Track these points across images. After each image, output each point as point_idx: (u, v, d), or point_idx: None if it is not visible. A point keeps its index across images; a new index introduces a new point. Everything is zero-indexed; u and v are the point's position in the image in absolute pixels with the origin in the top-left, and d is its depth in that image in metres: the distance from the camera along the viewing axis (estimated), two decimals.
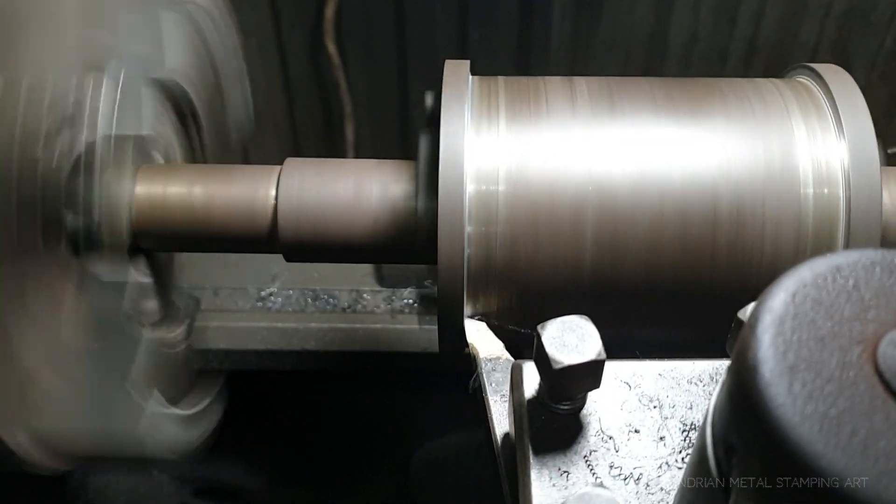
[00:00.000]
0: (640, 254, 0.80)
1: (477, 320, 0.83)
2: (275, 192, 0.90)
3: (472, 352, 0.81)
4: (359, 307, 1.38)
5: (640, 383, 0.66)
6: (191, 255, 1.22)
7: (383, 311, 1.38)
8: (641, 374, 0.67)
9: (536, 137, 0.82)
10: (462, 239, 0.79)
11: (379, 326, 1.36)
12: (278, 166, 0.92)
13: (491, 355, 0.79)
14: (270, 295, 1.39)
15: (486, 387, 0.76)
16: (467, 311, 0.83)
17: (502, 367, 0.77)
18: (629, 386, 0.66)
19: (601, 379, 0.63)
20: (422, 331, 1.35)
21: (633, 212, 0.80)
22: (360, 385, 1.48)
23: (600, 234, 0.80)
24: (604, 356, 0.61)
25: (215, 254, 1.30)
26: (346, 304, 1.39)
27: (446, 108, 0.82)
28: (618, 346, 0.63)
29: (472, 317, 0.83)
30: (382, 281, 1.39)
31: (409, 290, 1.38)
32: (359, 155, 1.81)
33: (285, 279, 1.40)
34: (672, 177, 0.80)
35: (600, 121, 0.83)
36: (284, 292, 1.39)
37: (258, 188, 0.91)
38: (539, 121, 0.83)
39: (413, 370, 1.37)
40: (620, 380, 0.66)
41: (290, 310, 1.38)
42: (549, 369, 0.60)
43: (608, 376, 0.64)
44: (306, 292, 1.39)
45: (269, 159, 0.95)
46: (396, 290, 1.39)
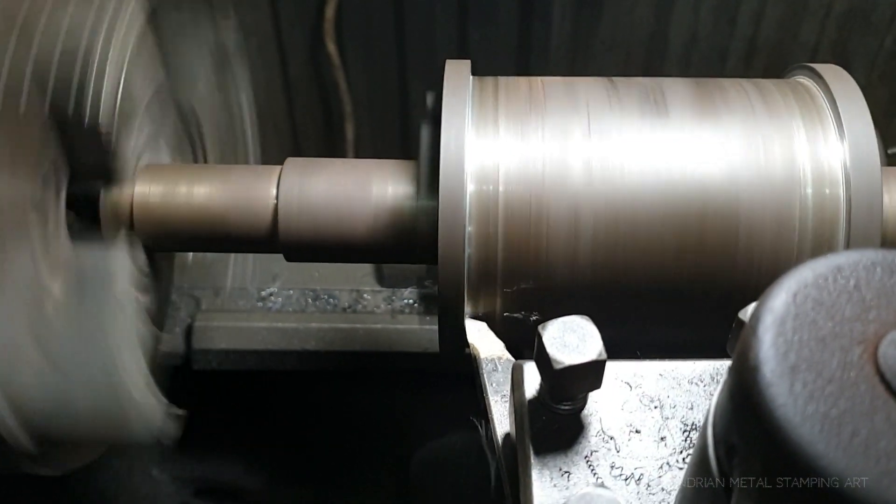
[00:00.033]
0: (640, 254, 0.80)
1: (478, 320, 0.83)
2: (275, 192, 0.90)
3: (472, 352, 0.81)
4: (359, 307, 1.38)
5: (640, 383, 0.66)
6: (191, 254, 1.23)
7: (384, 311, 1.38)
8: (642, 375, 0.67)
9: (537, 138, 0.82)
10: (463, 239, 0.79)
11: (379, 326, 1.36)
12: (279, 166, 0.92)
13: (492, 355, 0.79)
14: (271, 295, 1.39)
15: (487, 387, 0.76)
16: (468, 311, 0.83)
17: (503, 367, 0.77)
18: (630, 386, 0.66)
19: (602, 379, 0.63)
20: (422, 331, 1.35)
21: (633, 212, 0.80)
22: (361, 385, 1.47)
23: (600, 234, 0.80)
24: (605, 356, 0.61)
25: (215, 254, 1.30)
26: (346, 304, 1.38)
27: (447, 108, 0.82)
28: (618, 346, 0.63)
29: (473, 317, 0.83)
30: (383, 281, 1.39)
31: (410, 290, 1.38)
32: (359, 154, 1.81)
33: (286, 279, 1.40)
34: (672, 177, 0.80)
35: (601, 121, 0.83)
36: (285, 292, 1.39)
37: (259, 188, 0.91)
38: (540, 121, 0.83)
39: (413, 370, 1.37)
40: (621, 380, 0.66)
41: (290, 310, 1.38)
42: (550, 369, 0.60)
43: (609, 376, 0.64)
44: (307, 292, 1.39)
45: (269, 159, 0.95)
46: (397, 290, 1.39)
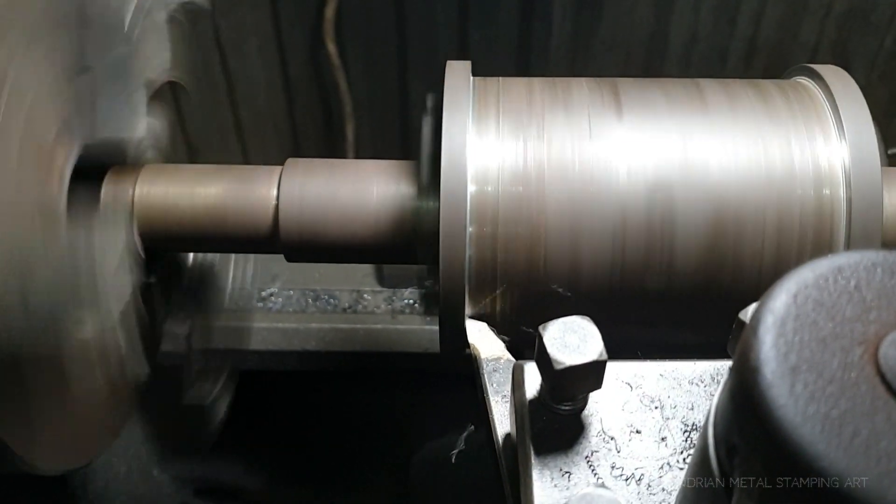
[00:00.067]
0: (640, 254, 0.80)
1: (478, 320, 0.83)
2: (276, 193, 0.90)
3: (473, 352, 0.81)
4: (359, 307, 1.38)
5: (641, 384, 0.66)
6: (191, 254, 1.22)
7: (384, 311, 1.38)
8: (643, 375, 0.67)
9: (538, 138, 0.82)
10: (464, 239, 0.79)
11: (379, 327, 1.36)
12: (279, 166, 0.92)
13: (492, 356, 0.79)
14: (271, 295, 1.39)
15: (488, 387, 0.76)
16: (468, 311, 0.83)
17: (503, 367, 0.77)
18: (630, 386, 0.66)
19: (603, 380, 0.63)
20: (422, 331, 1.35)
21: (633, 212, 0.80)
22: (361, 385, 1.48)
23: (600, 235, 0.80)
24: (605, 357, 0.61)
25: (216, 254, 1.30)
26: (346, 304, 1.39)
27: (448, 109, 0.82)
28: (618, 346, 0.63)
29: (474, 317, 0.83)
30: (383, 281, 1.40)
31: (410, 291, 1.38)
32: (359, 155, 1.81)
33: (286, 279, 1.40)
34: (673, 178, 0.80)
35: (602, 121, 0.83)
36: (285, 292, 1.39)
37: (259, 188, 0.91)
38: (541, 121, 0.83)
39: (413, 370, 1.37)
40: (622, 380, 0.66)
41: (290, 310, 1.38)
42: (550, 370, 0.60)
43: (609, 377, 0.64)
44: (307, 292, 1.40)
45: (269, 159, 0.95)
46: (397, 290, 1.39)
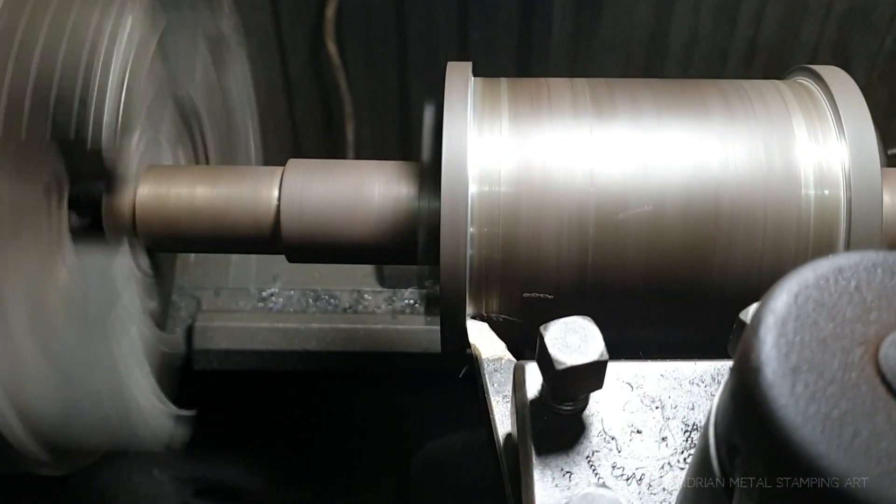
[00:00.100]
0: (642, 255, 0.80)
1: (479, 321, 0.83)
2: (277, 193, 0.90)
3: (474, 352, 0.81)
4: (360, 307, 1.38)
5: (642, 384, 0.66)
6: (192, 254, 1.23)
7: (384, 311, 1.38)
8: (643, 375, 0.67)
9: (539, 138, 0.82)
10: (465, 240, 0.79)
11: (380, 327, 1.36)
12: (281, 167, 0.92)
13: (493, 356, 0.79)
14: (272, 295, 1.39)
15: (489, 387, 0.76)
16: (469, 311, 0.83)
17: (504, 367, 0.77)
18: (631, 387, 0.66)
19: (604, 380, 0.63)
20: (423, 331, 1.35)
21: (634, 213, 0.80)
22: (361, 385, 1.48)
23: (602, 235, 0.80)
24: (606, 357, 0.61)
25: (217, 254, 1.30)
26: (347, 304, 1.39)
27: (449, 109, 0.83)
28: (619, 346, 0.64)
29: (475, 317, 0.83)
30: (384, 281, 1.40)
31: (411, 291, 1.38)
32: (359, 155, 1.81)
33: (286, 279, 1.40)
34: (673, 178, 0.81)
35: (602, 122, 0.83)
36: (286, 293, 1.39)
37: (261, 189, 0.91)
38: (541, 122, 0.83)
39: (414, 370, 1.37)
40: (622, 380, 0.66)
41: (291, 310, 1.38)
42: (551, 370, 0.61)
43: (610, 377, 0.64)
44: (307, 293, 1.40)
45: (270, 159, 0.95)
46: (398, 290, 1.39)
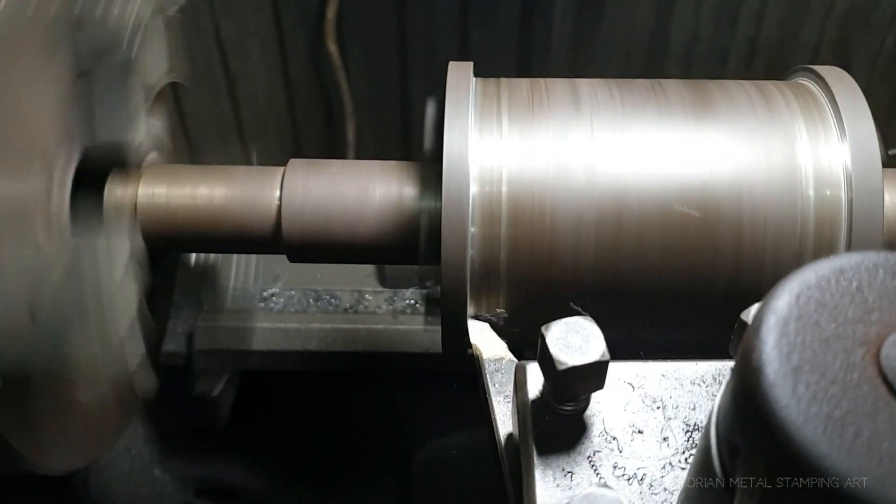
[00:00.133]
0: (642, 256, 0.80)
1: (480, 321, 0.83)
2: (278, 193, 0.90)
3: (475, 352, 0.81)
4: (361, 308, 1.38)
5: (643, 384, 0.66)
6: (193, 255, 1.23)
7: (385, 311, 1.38)
8: (645, 375, 0.67)
9: (540, 139, 0.82)
10: (466, 240, 0.79)
11: (381, 327, 1.36)
12: (282, 167, 0.92)
13: (494, 356, 0.79)
14: (273, 295, 1.39)
15: (490, 387, 0.76)
16: (470, 311, 0.83)
17: (505, 367, 0.78)
18: (632, 387, 0.66)
19: (605, 380, 0.63)
20: (424, 331, 1.35)
21: (636, 213, 0.80)
22: (362, 385, 1.48)
23: (603, 236, 0.80)
24: (608, 357, 0.61)
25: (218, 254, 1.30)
26: (348, 304, 1.39)
27: (450, 109, 0.83)
28: (620, 347, 0.64)
29: (476, 317, 0.83)
30: (384, 281, 1.40)
31: (411, 291, 1.38)
32: (359, 155, 1.81)
33: (287, 279, 1.40)
34: (675, 178, 0.81)
35: (603, 123, 0.83)
36: (286, 293, 1.39)
37: (262, 189, 0.91)
38: (543, 123, 0.83)
39: (415, 371, 1.37)
40: (624, 381, 0.67)
41: (292, 310, 1.38)
42: (553, 370, 0.61)
43: (611, 377, 0.65)
44: (308, 293, 1.40)
45: (270, 159, 0.95)
46: (398, 290, 1.39)
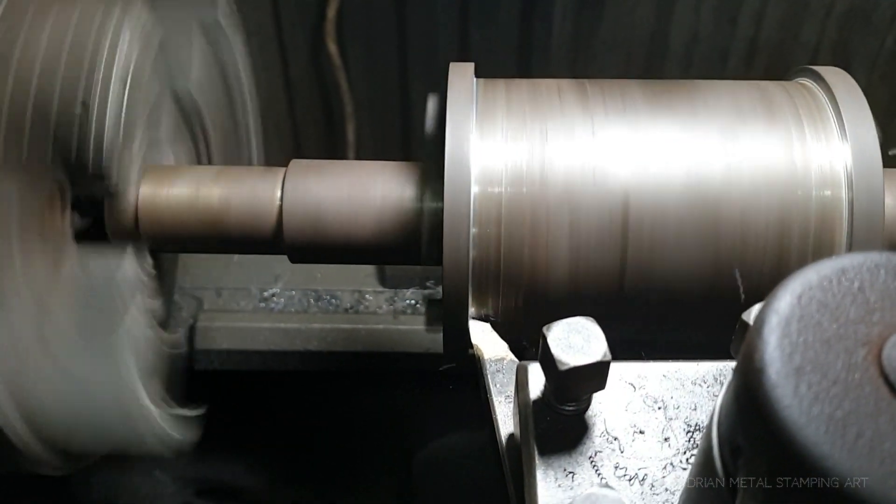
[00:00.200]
0: (644, 256, 0.80)
1: (481, 321, 0.83)
2: (280, 194, 0.90)
3: (476, 353, 0.81)
4: (361, 308, 1.38)
5: (644, 384, 0.67)
6: (194, 255, 1.23)
7: (386, 311, 1.38)
8: (646, 376, 0.67)
9: (541, 139, 0.82)
10: (467, 240, 0.79)
11: (381, 327, 1.36)
12: (283, 168, 0.92)
13: (495, 356, 0.79)
14: (273, 295, 1.39)
15: (491, 388, 0.76)
16: (472, 312, 0.83)
17: (507, 368, 0.78)
18: (634, 387, 0.66)
19: (606, 380, 0.63)
20: (424, 332, 1.35)
21: (637, 214, 0.80)
22: (363, 386, 1.48)
23: (604, 237, 0.80)
24: (609, 357, 0.61)
25: (218, 254, 1.30)
26: (348, 304, 1.39)
27: (451, 110, 0.83)
28: (620, 347, 0.64)
29: (477, 318, 0.83)
30: (385, 282, 1.40)
31: (412, 291, 1.38)
32: (359, 155, 1.82)
33: (288, 280, 1.40)
34: (676, 179, 0.81)
35: (604, 123, 0.83)
36: (287, 293, 1.39)
37: (263, 189, 0.91)
38: (544, 123, 0.83)
39: (415, 371, 1.37)
40: (625, 381, 0.67)
41: (292, 310, 1.38)
42: (554, 370, 0.61)
43: (613, 377, 0.65)
44: (309, 293, 1.40)
45: (270, 159, 0.95)
46: (399, 290, 1.39)
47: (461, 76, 0.86)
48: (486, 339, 0.81)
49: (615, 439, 0.64)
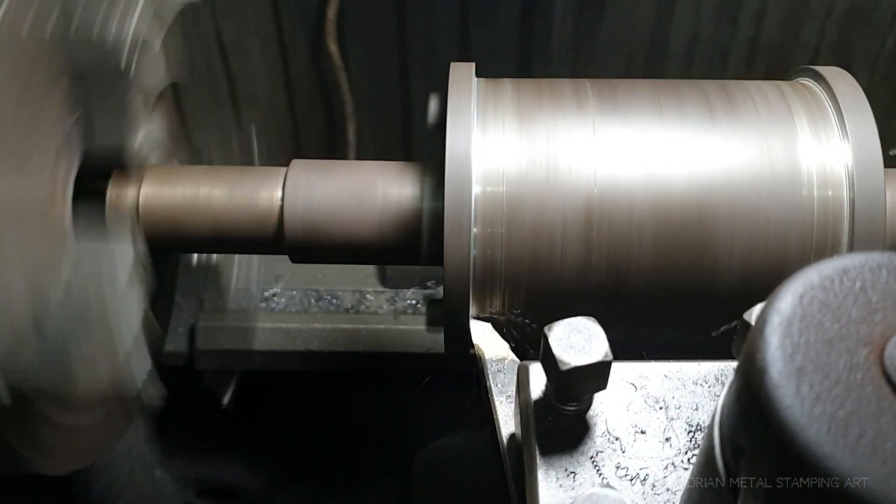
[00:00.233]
0: (645, 256, 0.80)
1: (482, 321, 0.83)
2: (281, 194, 0.90)
3: (477, 353, 0.81)
4: (362, 308, 1.38)
5: (645, 384, 0.67)
6: (195, 255, 1.23)
7: (386, 311, 1.38)
8: (647, 376, 0.67)
9: (542, 139, 0.82)
10: (468, 240, 0.79)
11: (382, 327, 1.37)
12: (284, 168, 0.92)
13: (497, 356, 0.79)
14: (274, 295, 1.39)
15: (492, 388, 0.76)
16: (473, 311, 0.83)
17: (508, 368, 0.78)
18: (635, 387, 0.66)
19: (608, 380, 0.63)
20: (425, 332, 1.35)
21: (638, 214, 0.80)
22: (364, 386, 1.48)
23: (605, 237, 0.80)
24: (611, 357, 0.61)
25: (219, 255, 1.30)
26: (349, 304, 1.39)
27: (453, 110, 0.83)
28: (622, 347, 0.64)
29: (478, 318, 0.83)
30: (386, 281, 1.40)
31: (413, 291, 1.38)
32: (360, 155, 1.81)
33: (289, 280, 1.40)
34: (677, 179, 0.81)
35: (605, 123, 0.83)
36: (288, 293, 1.39)
37: (264, 189, 0.91)
38: (545, 123, 0.83)
39: (416, 371, 1.37)
40: (626, 381, 0.67)
41: (293, 310, 1.38)
42: (556, 370, 0.61)
43: (614, 377, 0.65)
44: (310, 293, 1.40)
45: (270, 159, 0.95)
46: (400, 290, 1.39)
47: (462, 76, 0.87)
48: (487, 339, 0.81)
49: (616, 439, 0.64)
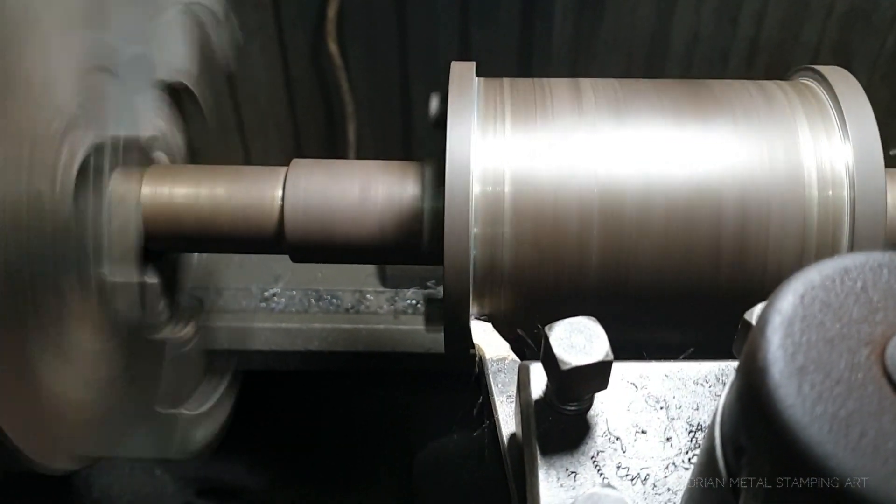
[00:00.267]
0: (646, 256, 0.80)
1: (483, 321, 0.83)
2: (281, 193, 0.90)
3: (477, 352, 0.81)
4: (362, 308, 1.38)
5: (646, 384, 0.66)
6: (195, 254, 1.22)
7: (386, 311, 1.38)
8: (648, 376, 0.67)
9: (543, 139, 0.82)
10: (468, 240, 0.79)
11: (382, 327, 1.37)
12: (284, 167, 0.92)
13: (497, 356, 0.79)
14: (274, 295, 1.39)
15: (493, 387, 0.76)
16: (473, 311, 0.83)
17: (508, 367, 0.78)
18: (636, 387, 0.66)
19: (608, 380, 0.63)
20: (425, 331, 1.35)
21: (639, 214, 0.80)
22: (364, 385, 1.48)
23: (606, 237, 0.80)
24: (611, 357, 0.61)
25: (219, 254, 1.30)
26: (349, 304, 1.39)
27: (453, 109, 0.83)
28: (623, 347, 0.64)
29: (478, 317, 0.83)
30: (386, 281, 1.40)
31: (413, 291, 1.38)
32: (360, 155, 1.81)
33: (289, 280, 1.40)
34: (677, 179, 0.81)
35: (606, 123, 0.83)
36: (288, 293, 1.40)
37: (264, 189, 0.91)
38: (545, 123, 0.83)
39: (416, 371, 1.37)
40: (627, 381, 0.67)
41: (293, 310, 1.38)
42: (556, 370, 0.61)
43: (615, 377, 0.65)
44: (310, 293, 1.40)
45: (271, 159, 0.95)
46: (400, 290, 1.39)
47: (462, 75, 0.86)
48: (487, 339, 0.81)
49: (617, 439, 0.64)
